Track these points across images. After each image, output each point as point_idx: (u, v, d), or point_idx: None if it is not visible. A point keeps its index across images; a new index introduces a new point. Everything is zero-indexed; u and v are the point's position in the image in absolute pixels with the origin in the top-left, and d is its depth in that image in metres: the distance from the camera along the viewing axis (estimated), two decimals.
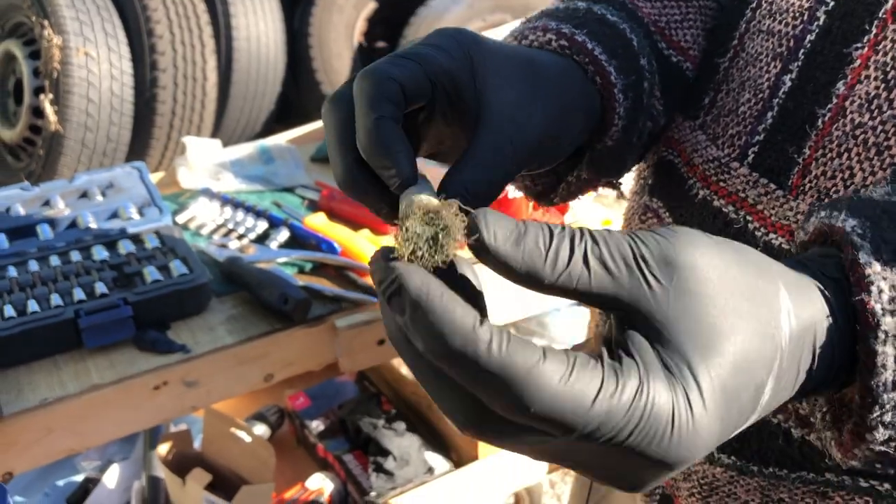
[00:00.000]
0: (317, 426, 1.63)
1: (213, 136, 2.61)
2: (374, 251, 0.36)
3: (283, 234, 1.30)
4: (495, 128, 0.44)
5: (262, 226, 1.33)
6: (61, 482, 1.53)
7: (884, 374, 0.36)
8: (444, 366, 0.32)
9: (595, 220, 1.38)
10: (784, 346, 0.35)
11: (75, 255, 1.17)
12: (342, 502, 1.55)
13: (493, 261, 0.33)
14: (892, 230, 0.38)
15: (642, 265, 0.33)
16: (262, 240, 1.31)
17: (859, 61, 0.47)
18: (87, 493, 1.47)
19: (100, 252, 1.18)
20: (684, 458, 0.33)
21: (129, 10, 2.51)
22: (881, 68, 0.46)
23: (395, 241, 0.36)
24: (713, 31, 0.60)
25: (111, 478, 1.49)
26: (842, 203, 0.40)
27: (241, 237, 1.31)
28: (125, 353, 1.07)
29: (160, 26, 2.50)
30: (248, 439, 1.38)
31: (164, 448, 1.40)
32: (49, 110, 2.34)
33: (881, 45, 0.46)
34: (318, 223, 1.32)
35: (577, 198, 0.59)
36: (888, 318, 0.36)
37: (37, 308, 1.07)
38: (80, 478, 1.53)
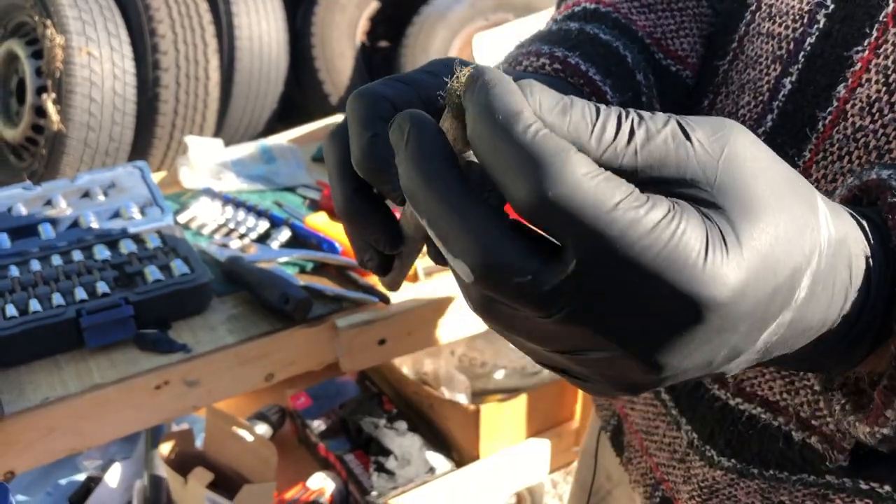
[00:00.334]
0: (318, 426, 1.64)
1: (216, 136, 2.62)
2: None
3: (285, 234, 1.30)
4: None
5: (264, 225, 1.33)
6: (63, 481, 1.53)
7: None
8: (483, 146, 0.30)
9: None
10: (822, 246, 0.33)
11: (77, 255, 1.18)
12: (343, 502, 1.55)
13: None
14: None
15: (691, 136, 0.31)
16: (263, 239, 1.31)
17: (860, 64, 0.47)
18: (89, 492, 1.48)
19: (101, 251, 1.19)
20: (718, 299, 0.30)
21: (132, 10, 2.52)
22: (882, 72, 0.45)
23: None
24: (712, 35, 0.60)
25: (113, 477, 1.49)
26: (882, 166, 0.39)
27: (242, 237, 1.32)
28: (126, 353, 1.07)
29: (163, 26, 2.50)
30: (249, 439, 1.38)
31: (165, 447, 1.40)
32: (52, 110, 2.35)
33: (882, 49, 0.46)
34: (319, 223, 1.32)
35: None
36: None
37: (38, 307, 1.07)
38: (81, 477, 1.53)
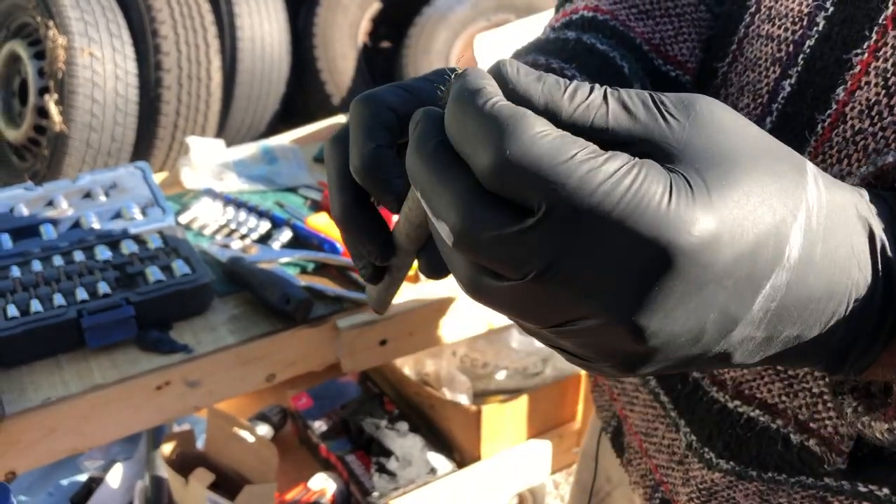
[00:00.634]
0: (319, 426, 1.64)
1: (218, 137, 2.62)
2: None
3: (286, 235, 1.30)
4: None
5: (265, 226, 1.33)
6: (65, 482, 1.54)
7: None
8: (452, 126, 0.32)
9: None
10: (811, 202, 0.32)
11: (78, 255, 1.18)
12: (345, 502, 1.55)
13: (513, 93, 0.32)
14: None
15: (660, 104, 0.32)
16: (264, 240, 1.31)
17: (859, 67, 0.46)
18: (91, 492, 1.48)
19: (103, 252, 1.19)
20: (686, 244, 0.29)
21: (134, 11, 2.52)
22: (881, 74, 0.45)
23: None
24: (711, 37, 0.59)
25: (114, 477, 1.49)
26: (881, 151, 0.39)
27: (243, 237, 1.32)
28: (127, 353, 1.07)
29: (164, 27, 2.51)
30: (251, 439, 1.38)
31: (167, 448, 1.40)
32: (54, 111, 2.35)
33: (881, 52, 0.45)
34: (320, 223, 1.32)
35: None
36: None
37: (40, 308, 1.07)
38: (83, 477, 1.53)
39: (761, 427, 0.54)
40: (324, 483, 1.54)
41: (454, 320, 1.22)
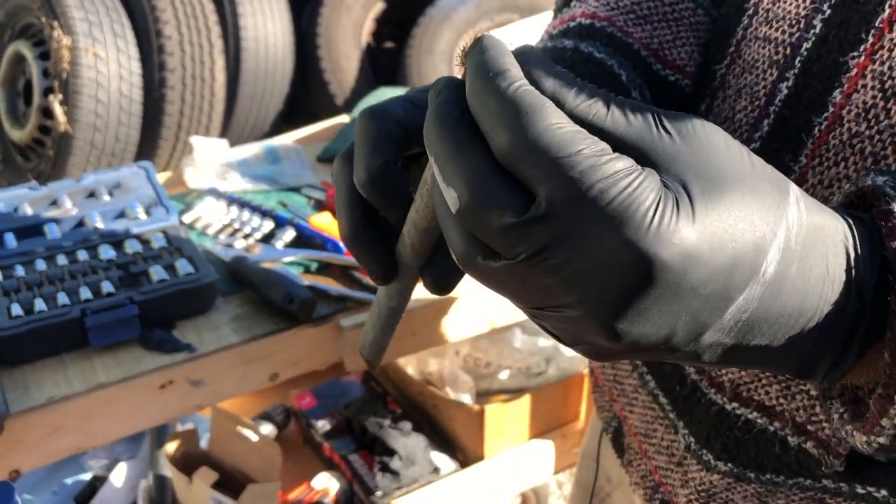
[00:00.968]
0: (323, 426, 1.64)
1: (222, 136, 2.62)
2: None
3: (289, 234, 1.30)
4: None
5: (268, 225, 1.33)
6: (69, 480, 1.54)
7: None
8: (474, 100, 0.34)
9: None
10: (791, 222, 0.33)
11: (82, 255, 1.18)
12: (348, 502, 1.55)
13: (528, 76, 0.34)
14: None
15: (657, 117, 0.34)
16: (267, 239, 1.31)
17: (856, 70, 0.46)
18: (95, 491, 1.48)
19: (106, 251, 1.19)
20: (663, 261, 0.31)
21: (138, 11, 2.52)
22: (878, 77, 0.45)
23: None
24: (710, 39, 0.59)
25: (118, 476, 1.49)
26: (866, 171, 0.39)
27: (246, 237, 1.32)
28: (131, 352, 1.08)
29: (168, 27, 2.51)
30: (254, 438, 1.38)
31: (170, 447, 1.40)
32: (58, 111, 2.36)
33: (878, 55, 0.45)
34: (323, 223, 1.32)
35: None
36: None
37: (44, 307, 1.07)
38: (87, 476, 1.54)
39: (759, 429, 0.54)
40: (327, 482, 1.54)
41: (457, 320, 1.23)
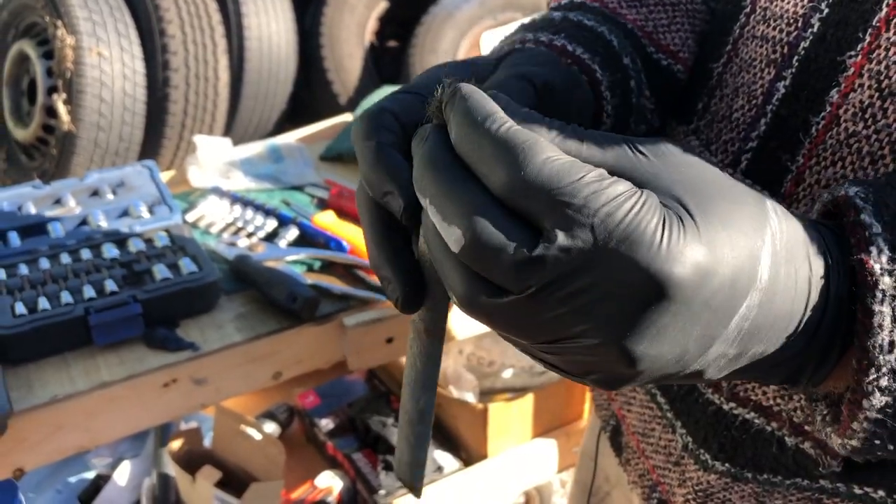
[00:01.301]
0: (326, 424, 1.64)
1: (225, 136, 2.62)
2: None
3: (292, 233, 1.30)
4: None
5: (272, 224, 1.33)
6: (73, 479, 1.54)
7: (880, 334, 0.35)
8: (465, 145, 0.34)
9: None
10: (774, 228, 0.34)
11: (86, 253, 1.18)
12: (351, 501, 1.55)
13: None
14: (894, 196, 0.37)
15: (630, 142, 0.35)
16: (271, 238, 1.32)
17: (853, 69, 0.46)
18: (99, 490, 1.49)
19: (110, 250, 1.19)
20: (678, 277, 0.31)
21: (142, 10, 2.53)
22: (875, 77, 0.45)
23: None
24: (706, 36, 0.59)
25: (122, 475, 1.50)
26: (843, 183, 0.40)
27: (250, 235, 1.32)
28: (135, 351, 1.08)
29: (172, 26, 2.51)
30: (257, 437, 1.39)
31: (174, 445, 1.40)
32: (62, 110, 2.36)
33: (875, 54, 0.45)
34: (326, 221, 1.32)
35: None
36: (886, 279, 0.35)
37: (47, 305, 1.07)
38: (91, 475, 1.54)
39: (756, 429, 0.54)
40: (330, 481, 1.54)
41: (460, 318, 1.22)
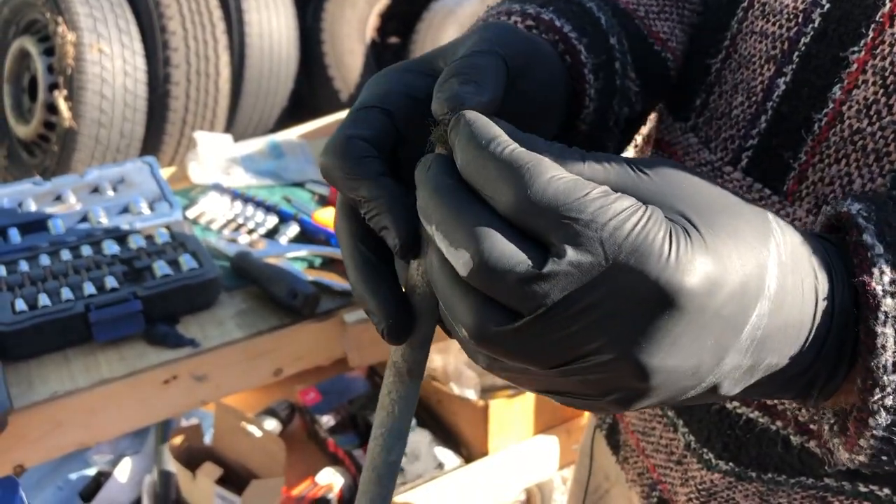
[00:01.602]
0: (327, 421, 1.64)
1: (226, 132, 2.62)
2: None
3: (293, 229, 1.30)
4: None
5: (272, 221, 1.33)
6: (74, 476, 1.54)
7: (883, 355, 0.35)
8: (470, 169, 0.34)
9: None
10: (778, 237, 0.35)
11: (86, 250, 1.18)
12: (352, 497, 1.55)
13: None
14: None
15: (630, 162, 0.35)
16: (271, 235, 1.31)
17: (856, 65, 0.45)
18: (99, 486, 1.48)
19: (110, 246, 1.19)
20: (688, 287, 0.31)
21: (143, 7, 2.52)
22: (879, 73, 0.44)
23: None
24: (702, 31, 0.58)
25: (123, 471, 1.49)
26: (847, 196, 0.40)
27: (250, 232, 1.32)
28: (135, 347, 1.08)
29: (173, 22, 2.51)
30: (258, 434, 1.38)
31: (175, 442, 1.40)
32: (63, 106, 2.36)
33: (879, 50, 0.44)
34: (327, 218, 1.32)
35: None
36: (889, 300, 0.35)
37: (48, 302, 1.07)
38: (92, 472, 1.54)
39: (761, 428, 0.53)
40: (331, 478, 1.54)
41: None
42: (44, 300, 1.07)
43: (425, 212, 0.35)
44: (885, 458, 0.37)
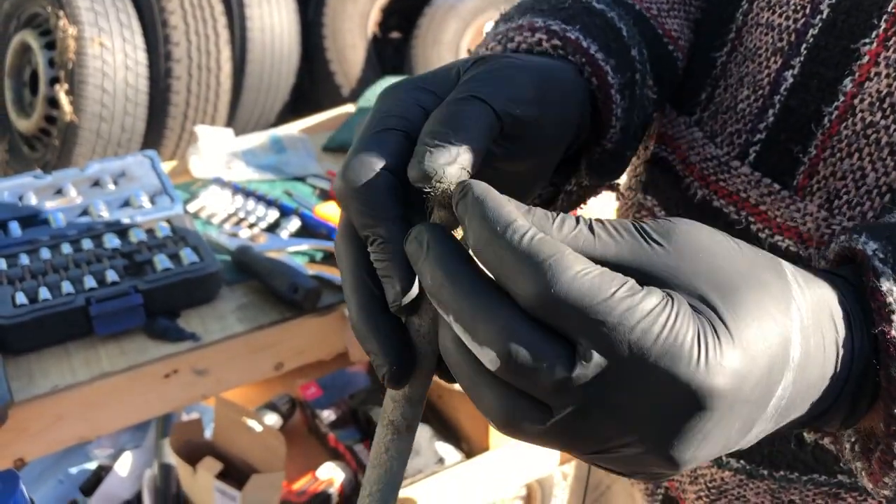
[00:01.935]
0: (328, 416, 1.63)
1: (228, 127, 2.61)
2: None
3: (294, 224, 1.30)
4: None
5: (273, 215, 1.33)
6: (74, 470, 1.54)
7: None
8: (487, 254, 0.33)
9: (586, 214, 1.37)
10: (799, 301, 0.34)
11: (87, 243, 1.18)
12: (353, 492, 1.55)
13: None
14: None
15: (642, 231, 0.34)
16: (272, 229, 1.31)
17: (868, 57, 0.45)
18: (100, 480, 1.48)
19: (111, 240, 1.19)
20: (719, 388, 0.31)
21: (144, 1, 2.52)
22: (892, 65, 0.44)
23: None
24: (706, 23, 0.57)
25: (123, 465, 1.49)
26: (860, 227, 0.39)
27: (251, 226, 1.31)
28: (136, 341, 1.07)
29: (174, 17, 2.51)
30: (258, 429, 1.38)
31: (175, 436, 1.40)
32: (64, 101, 2.35)
33: (892, 41, 0.44)
34: (328, 212, 1.32)
35: (580, 207, 0.56)
36: None
37: (48, 295, 1.07)
38: (92, 465, 1.54)
39: None
40: (332, 472, 1.54)
41: None
42: (44, 294, 1.07)
43: (439, 297, 0.34)
44: None
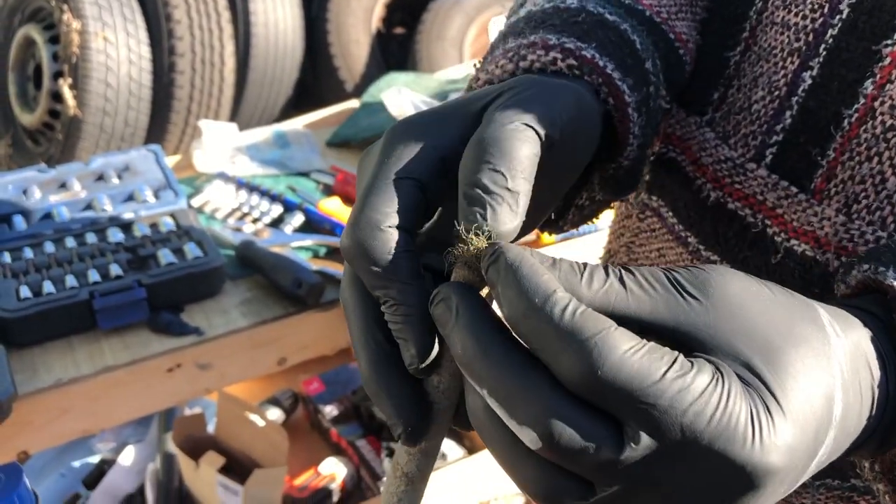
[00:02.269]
0: (330, 411, 1.64)
1: (231, 121, 2.61)
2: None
3: (298, 219, 1.30)
4: None
5: (277, 210, 1.33)
6: (77, 463, 1.55)
7: None
8: (525, 328, 0.31)
9: None
10: (839, 355, 0.33)
11: (91, 237, 1.18)
12: (355, 487, 1.55)
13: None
14: None
15: (676, 284, 0.32)
16: (276, 224, 1.31)
17: (890, 59, 0.44)
18: (103, 474, 1.49)
19: (115, 234, 1.19)
20: (773, 467, 0.30)
21: None
22: None
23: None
24: (715, 22, 0.55)
25: (126, 459, 1.50)
26: (884, 256, 0.38)
27: (255, 221, 1.31)
28: (139, 335, 1.08)
29: (178, 11, 2.50)
30: (261, 423, 1.38)
31: (178, 431, 1.40)
32: (68, 95, 2.35)
33: None
34: (332, 208, 1.31)
35: (592, 221, 0.54)
36: None
37: (52, 289, 1.07)
38: (95, 459, 1.54)
39: None
40: (334, 467, 1.54)
41: None
42: (48, 287, 1.07)
43: (471, 368, 0.32)
44: None
